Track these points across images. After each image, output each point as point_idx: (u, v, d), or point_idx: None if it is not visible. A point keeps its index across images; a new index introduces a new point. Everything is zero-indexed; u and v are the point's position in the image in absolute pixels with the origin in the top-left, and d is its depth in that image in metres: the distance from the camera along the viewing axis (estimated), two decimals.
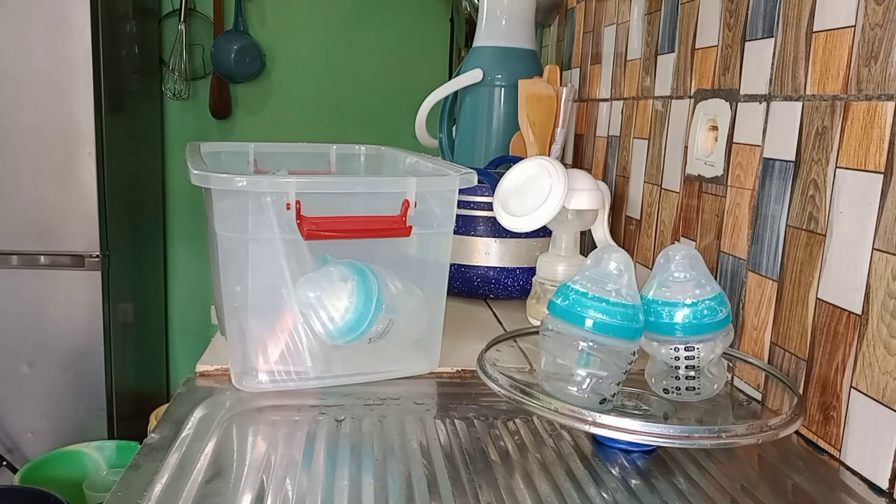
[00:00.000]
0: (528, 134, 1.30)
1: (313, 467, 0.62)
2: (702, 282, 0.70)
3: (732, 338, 0.72)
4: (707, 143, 0.93)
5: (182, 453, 0.64)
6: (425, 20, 2.51)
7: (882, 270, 0.62)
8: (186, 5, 2.36)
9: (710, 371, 0.72)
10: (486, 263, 1.12)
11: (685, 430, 0.59)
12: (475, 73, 1.42)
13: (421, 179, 0.77)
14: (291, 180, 0.72)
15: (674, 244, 0.91)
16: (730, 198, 0.87)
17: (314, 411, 0.74)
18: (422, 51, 2.51)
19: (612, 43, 1.29)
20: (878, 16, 0.64)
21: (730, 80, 0.87)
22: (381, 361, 0.83)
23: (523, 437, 0.70)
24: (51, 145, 1.90)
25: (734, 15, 0.87)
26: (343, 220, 0.75)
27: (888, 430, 0.61)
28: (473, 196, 1.11)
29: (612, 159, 1.27)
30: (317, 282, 0.76)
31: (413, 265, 0.84)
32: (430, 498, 0.58)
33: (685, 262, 0.70)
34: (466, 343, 0.91)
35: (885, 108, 0.62)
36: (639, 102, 1.15)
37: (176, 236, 2.55)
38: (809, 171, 0.72)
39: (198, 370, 0.83)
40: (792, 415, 0.63)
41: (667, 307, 0.69)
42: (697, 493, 0.61)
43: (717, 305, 0.69)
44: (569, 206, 0.94)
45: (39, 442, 1.98)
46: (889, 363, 0.61)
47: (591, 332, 0.65)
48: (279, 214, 0.72)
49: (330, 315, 0.76)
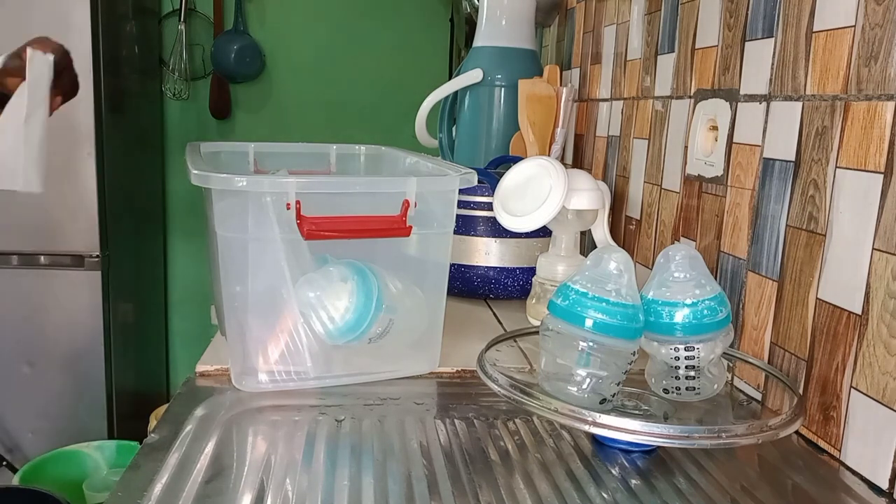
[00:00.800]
0: (528, 134, 1.30)
1: (313, 467, 0.62)
2: (702, 282, 0.70)
3: (732, 338, 0.72)
4: (707, 143, 0.93)
5: (182, 453, 0.63)
6: (425, 20, 2.51)
7: (882, 270, 0.62)
8: (186, 5, 2.36)
9: (710, 371, 0.72)
10: (486, 263, 1.12)
11: (685, 430, 0.59)
12: (475, 73, 1.42)
13: (421, 179, 0.77)
14: (291, 180, 0.72)
15: (674, 244, 0.91)
16: (730, 198, 0.87)
17: (314, 411, 0.74)
18: (422, 51, 2.51)
19: (612, 43, 1.29)
20: (878, 16, 0.64)
21: (730, 80, 0.87)
22: (381, 361, 0.83)
23: (523, 437, 0.70)
24: (51, 145, 1.89)
25: (734, 15, 0.87)
26: (343, 220, 0.75)
27: (888, 430, 0.61)
28: (473, 196, 1.11)
29: (612, 159, 1.27)
30: (317, 282, 0.76)
31: (413, 265, 0.84)
32: (430, 498, 0.58)
33: (685, 262, 0.70)
34: (466, 343, 0.91)
35: (885, 108, 0.62)
36: (639, 102, 1.15)
37: (176, 236, 2.55)
38: (809, 171, 0.72)
39: (198, 370, 0.83)
40: (792, 415, 0.63)
41: (667, 307, 0.69)
42: (697, 493, 0.61)
43: (717, 305, 0.69)
44: (569, 206, 0.94)
45: (39, 442, 1.98)
46: (889, 363, 0.61)
47: (591, 332, 0.65)
48: (279, 214, 0.72)
49: (330, 315, 0.76)
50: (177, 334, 2.61)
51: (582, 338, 0.65)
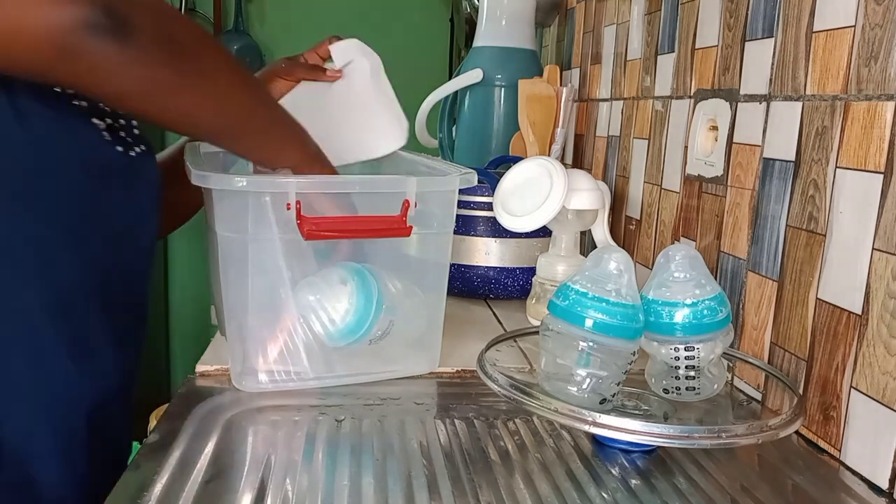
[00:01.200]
0: (528, 134, 1.30)
1: (313, 467, 0.62)
2: (702, 282, 0.70)
3: (732, 338, 0.72)
4: (707, 143, 0.93)
5: (182, 453, 0.63)
6: (425, 20, 2.51)
7: (882, 270, 0.62)
8: (186, 5, 2.36)
9: (710, 371, 0.72)
10: (486, 263, 1.12)
11: (685, 430, 0.59)
12: (475, 73, 1.42)
13: (421, 179, 0.77)
14: (291, 180, 0.72)
15: (674, 244, 0.91)
16: (730, 198, 0.87)
17: (314, 411, 0.74)
18: (422, 51, 2.51)
19: (612, 43, 1.29)
20: (878, 16, 0.64)
21: (730, 80, 0.87)
22: (381, 362, 0.83)
23: (523, 437, 0.70)
24: None
25: (734, 15, 0.87)
26: (343, 220, 0.75)
27: (888, 430, 0.61)
28: (473, 196, 1.11)
29: (612, 159, 1.27)
30: (316, 285, 0.76)
31: (413, 265, 0.84)
32: (430, 498, 0.58)
33: (685, 262, 0.70)
34: (466, 343, 0.91)
35: (885, 108, 0.62)
36: (639, 102, 1.15)
37: (176, 236, 2.55)
38: (809, 171, 0.72)
39: (198, 370, 0.83)
40: (792, 415, 0.63)
41: (667, 307, 0.69)
42: (697, 493, 0.61)
43: (717, 305, 0.69)
44: (569, 206, 0.94)
45: None
46: (889, 363, 0.61)
47: (591, 332, 0.65)
48: (279, 214, 0.72)
49: (330, 317, 0.76)
50: (177, 334, 2.61)
51: (582, 338, 0.65)
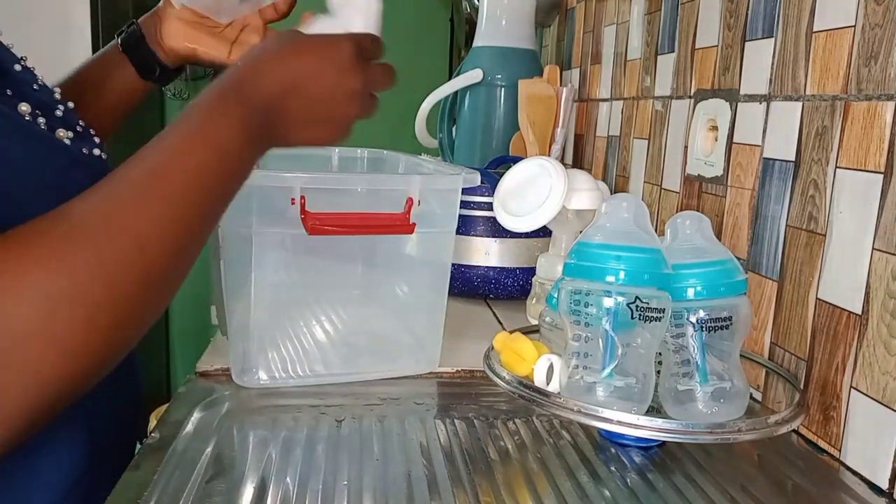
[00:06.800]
0: (528, 134, 1.30)
1: (313, 467, 0.62)
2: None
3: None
4: (707, 143, 0.93)
5: (182, 453, 0.63)
6: (425, 20, 2.51)
7: (882, 270, 0.62)
8: None
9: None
10: (486, 263, 1.12)
11: (686, 425, 0.59)
12: (475, 73, 1.42)
13: (424, 178, 0.77)
14: (298, 175, 0.72)
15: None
16: (730, 198, 0.87)
17: (314, 411, 0.74)
18: (422, 51, 2.51)
19: (612, 43, 1.29)
20: (878, 16, 0.64)
21: (730, 80, 0.87)
22: (381, 361, 0.83)
23: (523, 437, 0.70)
24: None
25: (734, 15, 0.87)
26: (347, 216, 0.75)
27: (888, 430, 0.61)
28: (473, 196, 1.11)
29: (612, 159, 1.27)
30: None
31: (414, 264, 0.84)
32: (430, 498, 0.58)
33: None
34: (466, 343, 0.91)
35: (885, 108, 0.62)
36: (639, 102, 1.15)
37: None
38: (809, 171, 0.72)
39: (198, 370, 0.83)
40: (794, 411, 0.63)
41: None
42: (697, 492, 0.61)
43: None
44: (569, 206, 0.94)
45: None
46: (889, 363, 0.61)
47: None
48: (283, 209, 0.72)
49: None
50: (177, 334, 2.61)
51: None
